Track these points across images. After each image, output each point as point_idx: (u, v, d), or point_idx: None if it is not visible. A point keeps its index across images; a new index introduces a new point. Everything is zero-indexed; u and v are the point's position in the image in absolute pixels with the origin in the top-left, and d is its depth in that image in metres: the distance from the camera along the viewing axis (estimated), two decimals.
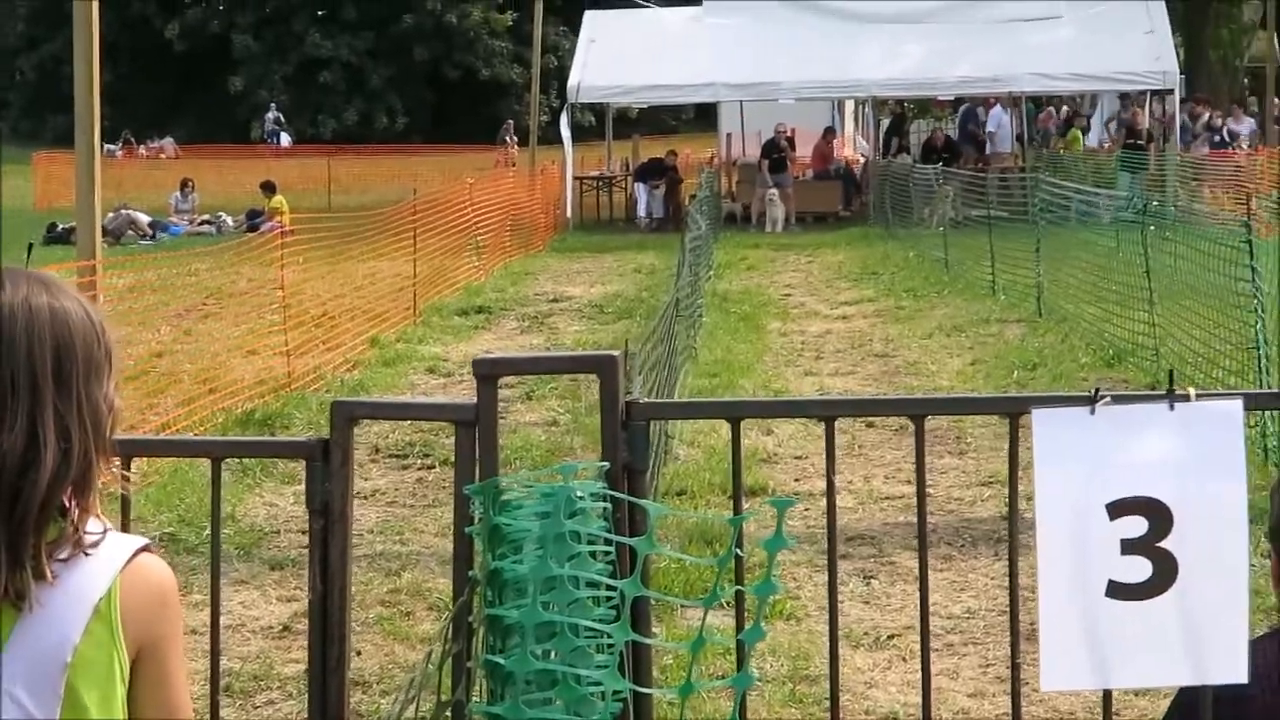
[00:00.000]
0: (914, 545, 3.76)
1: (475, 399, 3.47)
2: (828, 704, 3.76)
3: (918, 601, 3.70)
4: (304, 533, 4.04)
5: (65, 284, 2.77)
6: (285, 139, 67.89)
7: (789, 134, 36.66)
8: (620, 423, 3.44)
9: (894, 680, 7.84)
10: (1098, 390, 3.33)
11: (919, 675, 3.71)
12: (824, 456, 3.63)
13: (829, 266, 26.82)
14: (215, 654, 3.76)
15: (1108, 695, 3.60)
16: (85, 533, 2.66)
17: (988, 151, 37.87)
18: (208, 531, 6.33)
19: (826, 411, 3.92)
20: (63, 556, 2.63)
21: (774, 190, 34.56)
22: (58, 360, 2.65)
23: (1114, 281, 17.78)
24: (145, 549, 2.74)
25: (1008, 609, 3.61)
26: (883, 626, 8.58)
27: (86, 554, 2.65)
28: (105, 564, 2.67)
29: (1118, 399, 3.33)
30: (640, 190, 37.26)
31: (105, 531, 2.70)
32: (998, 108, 38.36)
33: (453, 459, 3.53)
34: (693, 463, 12.07)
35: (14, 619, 2.61)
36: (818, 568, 9.29)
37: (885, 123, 42.05)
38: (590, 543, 3.13)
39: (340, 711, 3.51)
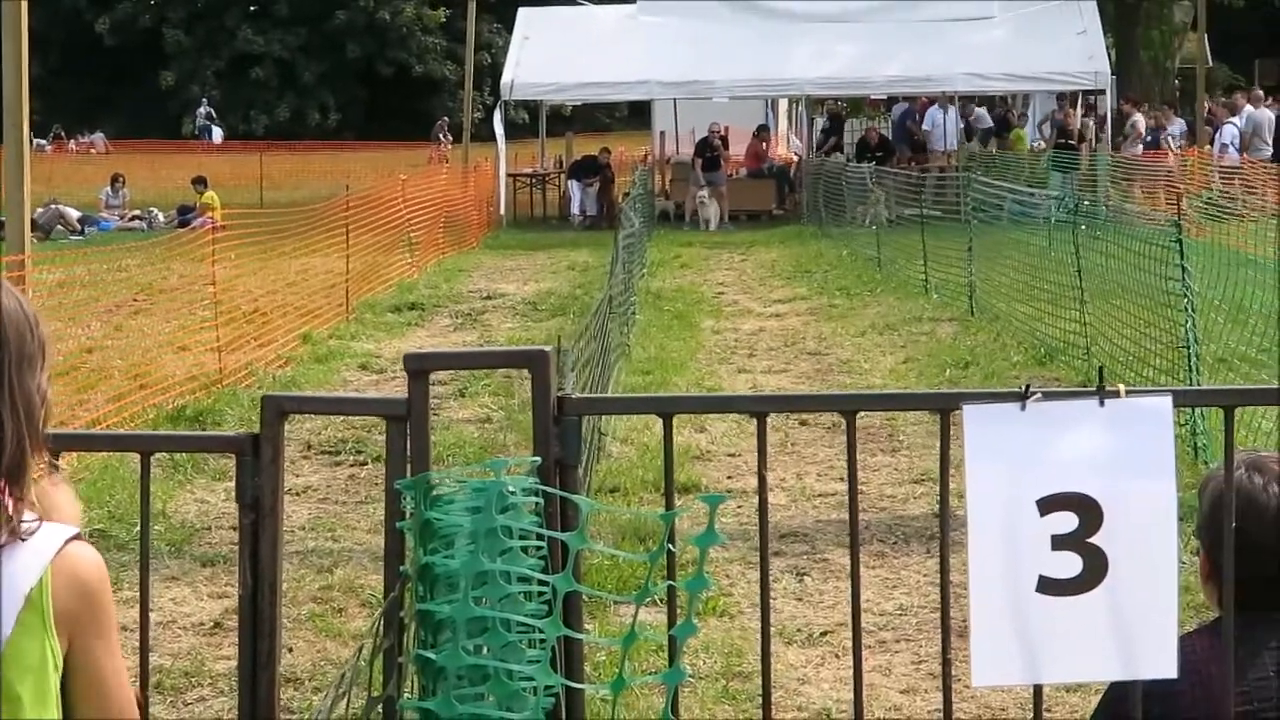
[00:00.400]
0: (846, 542, 3.76)
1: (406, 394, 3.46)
2: (760, 700, 3.76)
3: (850, 598, 3.70)
4: (235, 529, 4.01)
5: None
6: (217, 134, 67.67)
7: (722, 132, 36.70)
8: (552, 418, 3.42)
9: (827, 677, 7.86)
10: (1028, 387, 3.33)
11: (851, 672, 3.71)
12: (756, 454, 3.62)
13: (762, 265, 26.86)
14: (145, 650, 3.73)
15: (1038, 691, 3.61)
16: (21, 522, 2.65)
17: (927, 150, 37.98)
18: (139, 528, 6.29)
19: (758, 407, 3.91)
20: None
21: (704, 190, 34.59)
22: None
23: (1046, 281, 17.87)
24: (76, 538, 2.73)
25: (940, 605, 3.61)
26: (815, 623, 8.61)
27: (23, 540, 2.64)
28: (36, 554, 2.66)
29: (1048, 395, 3.33)
30: (574, 188, 37.21)
31: (39, 521, 2.69)
32: (934, 107, 38.47)
33: (385, 455, 3.52)
34: (626, 460, 12.07)
35: None
36: (750, 564, 9.30)
37: (820, 122, 42.13)
38: (522, 538, 3.12)
39: (271, 708, 3.49)
